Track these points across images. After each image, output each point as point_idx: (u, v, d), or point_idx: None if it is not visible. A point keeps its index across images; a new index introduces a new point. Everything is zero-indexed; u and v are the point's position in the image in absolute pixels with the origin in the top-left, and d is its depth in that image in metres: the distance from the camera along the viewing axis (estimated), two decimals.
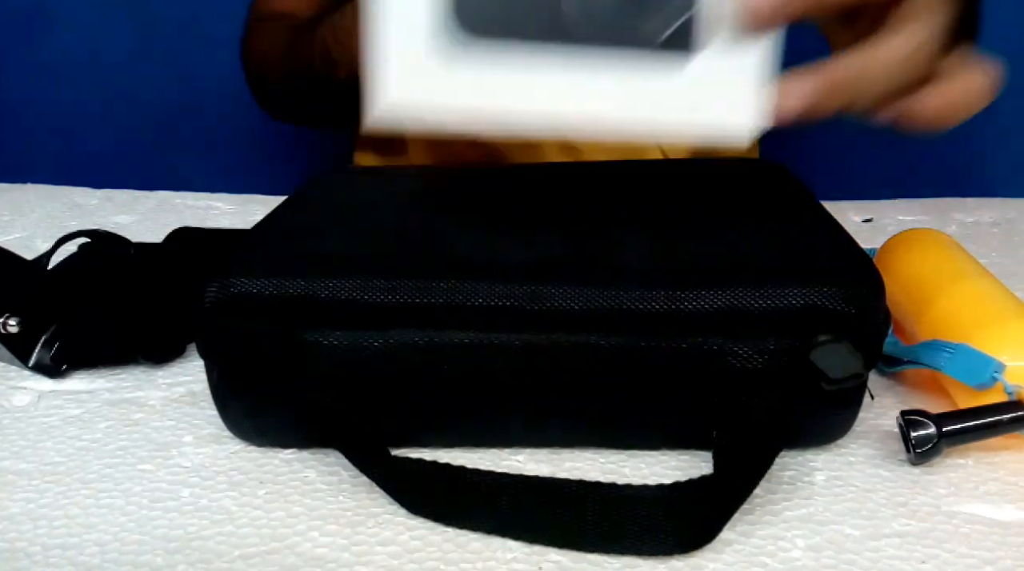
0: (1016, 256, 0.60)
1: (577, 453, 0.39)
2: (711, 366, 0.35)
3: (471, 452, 0.39)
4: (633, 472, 0.38)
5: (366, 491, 0.37)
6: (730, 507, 0.34)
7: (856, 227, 0.66)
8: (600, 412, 0.38)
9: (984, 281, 0.45)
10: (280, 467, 0.38)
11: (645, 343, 0.35)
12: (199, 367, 0.46)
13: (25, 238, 0.63)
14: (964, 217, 0.69)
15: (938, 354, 0.41)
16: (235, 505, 0.36)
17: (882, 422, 0.41)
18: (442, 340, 0.35)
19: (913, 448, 0.37)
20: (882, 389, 0.44)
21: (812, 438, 0.39)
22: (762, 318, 0.35)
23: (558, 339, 0.35)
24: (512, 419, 0.38)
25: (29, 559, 0.33)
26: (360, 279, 0.36)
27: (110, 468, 0.38)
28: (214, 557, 0.33)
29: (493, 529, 0.34)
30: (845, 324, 0.35)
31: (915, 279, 0.46)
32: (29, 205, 0.68)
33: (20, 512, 0.36)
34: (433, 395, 0.37)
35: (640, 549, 0.33)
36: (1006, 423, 0.38)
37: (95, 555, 0.34)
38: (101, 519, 0.35)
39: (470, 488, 0.35)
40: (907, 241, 0.49)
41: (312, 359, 0.36)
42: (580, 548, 0.33)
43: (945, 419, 0.37)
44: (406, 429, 0.38)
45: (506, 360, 0.35)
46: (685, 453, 0.39)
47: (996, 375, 0.39)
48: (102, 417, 0.42)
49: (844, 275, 0.36)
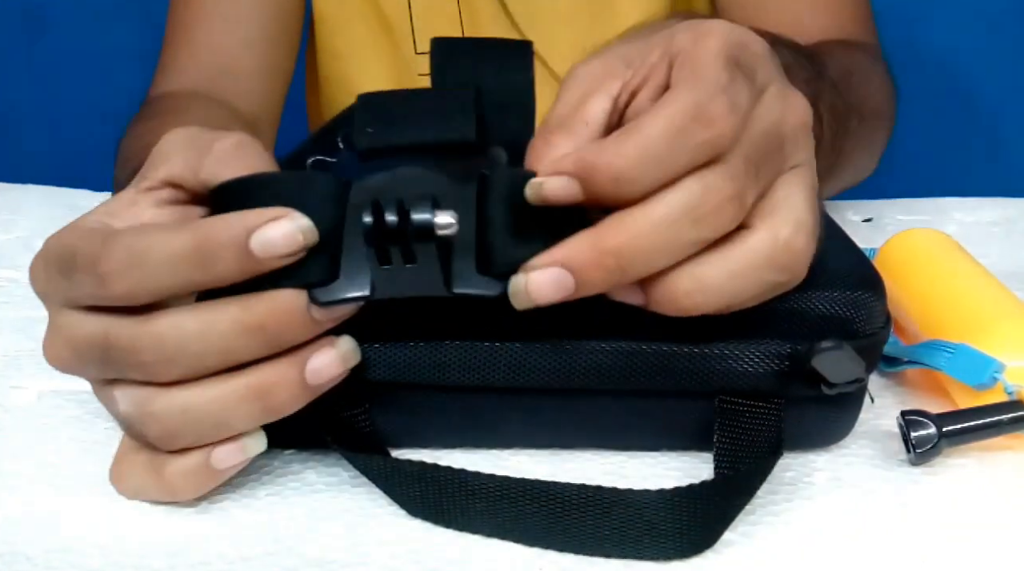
0: (1016, 256, 0.60)
1: (577, 454, 0.39)
2: (712, 368, 0.35)
3: (471, 452, 0.39)
4: (634, 473, 0.38)
5: (366, 491, 0.37)
6: (732, 511, 0.34)
7: (856, 227, 0.66)
8: (601, 413, 0.37)
9: (984, 281, 0.45)
10: (280, 467, 0.38)
11: (646, 346, 0.35)
12: None
13: (25, 238, 0.63)
14: (964, 217, 0.68)
15: (938, 354, 0.40)
16: (235, 506, 0.36)
17: (882, 422, 0.41)
18: (443, 341, 0.35)
19: (913, 448, 0.37)
20: (882, 389, 0.44)
21: (813, 440, 0.39)
22: (763, 321, 0.35)
23: (559, 341, 0.35)
24: (512, 420, 0.38)
25: (29, 562, 0.33)
26: None
27: (110, 469, 0.38)
28: (215, 558, 0.33)
29: (493, 531, 0.34)
30: (846, 327, 0.35)
31: (915, 279, 0.46)
32: (29, 205, 0.68)
33: (20, 513, 0.36)
34: (433, 395, 0.37)
35: (641, 553, 0.33)
36: (1006, 423, 0.38)
37: (95, 557, 0.33)
38: (102, 520, 0.35)
39: (470, 489, 0.34)
40: (907, 241, 0.49)
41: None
42: (581, 551, 0.33)
43: (945, 419, 0.37)
44: (406, 429, 0.38)
45: (507, 362, 0.35)
46: (686, 455, 0.39)
47: (996, 375, 0.39)
48: (102, 417, 0.42)
49: (844, 277, 0.36)
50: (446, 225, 0.31)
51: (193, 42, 0.74)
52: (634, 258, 0.31)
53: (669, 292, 0.32)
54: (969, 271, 0.46)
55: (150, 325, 0.32)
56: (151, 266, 0.31)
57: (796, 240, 0.32)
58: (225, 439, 0.34)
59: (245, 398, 0.33)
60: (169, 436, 0.33)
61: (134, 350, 0.32)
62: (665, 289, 0.32)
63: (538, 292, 0.31)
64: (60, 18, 1.21)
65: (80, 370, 0.34)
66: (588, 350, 0.35)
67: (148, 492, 0.35)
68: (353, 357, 0.34)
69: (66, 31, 1.22)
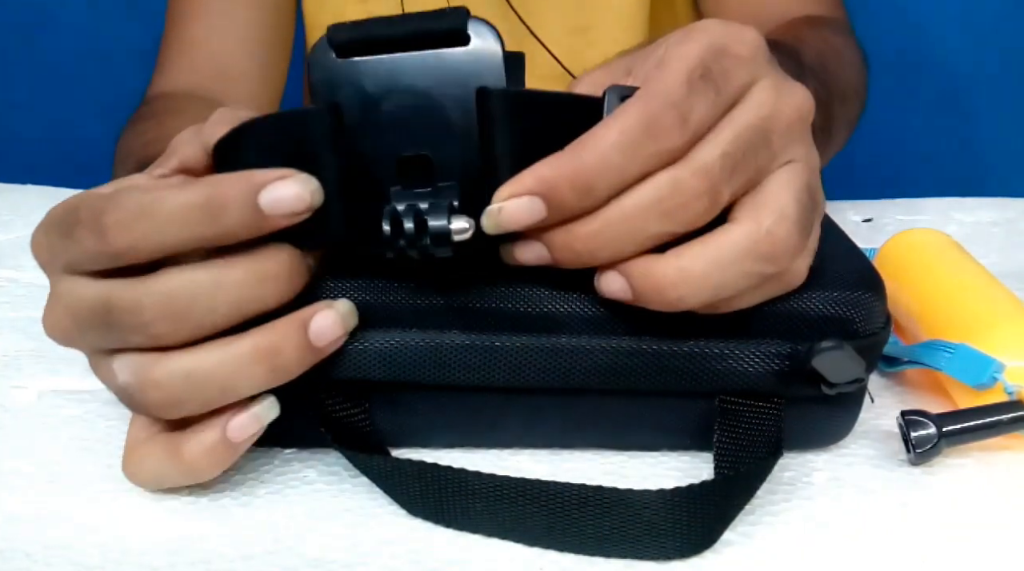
0: (1016, 256, 0.60)
1: (577, 454, 0.39)
2: (712, 368, 0.35)
3: (471, 452, 0.39)
4: (634, 473, 0.38)
5: (366, 491, 0.37)
6: (732, 512, 0.34)
7: (856, 227, 0.66)
8: (601, 413, 0.37)
9: (984, 281, 0.45)
10: (280, 467, 0.38)
11: (646, 346, 0.35)
12: None
13: (25, 238, 0.63)
14: (964, 217, 0.68)
15: (938, 354, 0.40)
16: (235, 505, 0.36)
17: (882, 422, 0.41)
18: (443, 342, 0.35)
19: (913, 448, 0.37)
20: (882, 389, 0.44)
21: (812, 440, 0.39)
22: (763, 321, 0.35)
23: (559, 341, 0.35)
24: (512, 420, 0.38)
25: (29, 559, 0.33)
26: (361, 280, 0.36)
27: (111, 468, 0.38)
28: (215, 557, 0.33)
29: (493, 531, 0.34)
30: (846, 327, 0.35)
31: (915, 279, 0.46)
32: (29, 205, 0.68)
33: (20, 512, 0.36)
34: (433, 395, 0.37)
35: (641, 553, 0.33)
36: (1006, 423, 0.38)
37: (95, 556, 0.34)
38: (102, 519, 0.35)
39: (470, 489, 0.34)
40: (907, 241, 0.49)
41: None
42: (581, 551, 0.33)
43: (945, 419, 0.37)
44: (406, 429, 0.38)
45: (507, 362, 0.35)
46: (686, 455, 0.39)
47: (996, 375, 0.39)
48: (102, 417, 0.42)
49: (844, 277, 0.36)
50: (462, 230, 0.32)
51: (190, 43, 0.75)
52: (604, 246, 0.32)
53: (654, 283, 0.32)
54: (969, 271, 0.46)
55: (155, 283, 0.32)
56: (160, 217, 0.31)
57: (778, 229, 0.32)
58: (237, 410, 0.34)
59: (252, 359, 0.33)
60: (172, 403, 0.33)
61: (137, 310, 0.32)
62: (649, 280, 0.32)
63: (509, 218, 0.32)
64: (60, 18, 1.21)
65: (79, 340, 0.34)
66: (588, 350, 0.35)
67: (168, 477, 0.35)
68: (352, 318, 0.35)
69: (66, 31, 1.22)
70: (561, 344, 0.35)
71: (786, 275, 0.34)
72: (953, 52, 1.12)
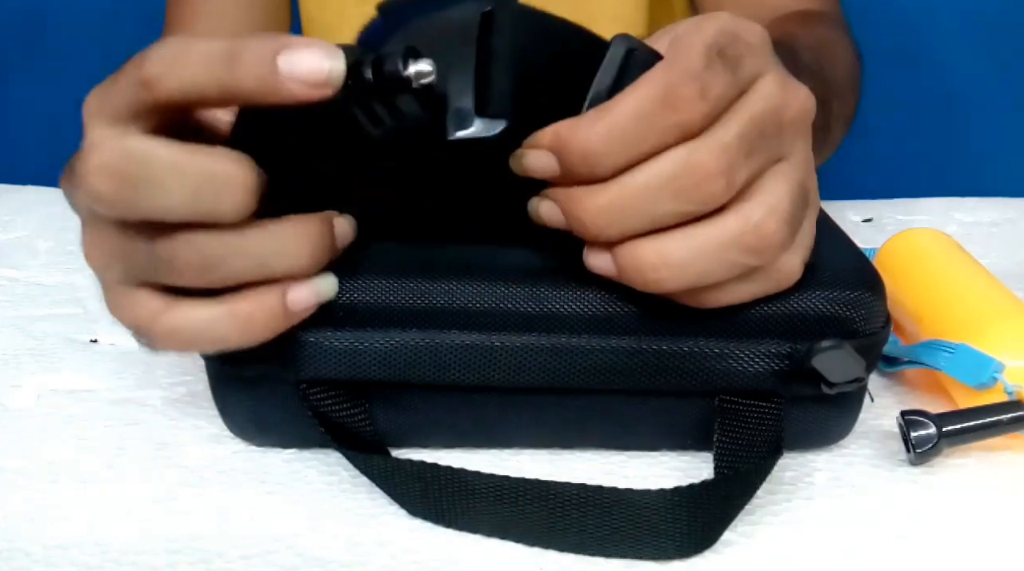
0: (1016, 256, 0.60)
1: (577, 454, 0.39)
2: (712, 368, 0.35)
3: (471, 452, 0.39)
4: (634, 473, 0.38)
5: (366, 491, 0.37)
6: (732, 511, 0.34)
7: (856, 227, 0.66)
8: (601, 413, 0.37)
9: (984, 281, 0.45)
10: (280, 467, 0.38)
11: (646, 346, 0.35)
12: (200, 367, 0.46)
13: (25, 238, 0.63)
14: (964, 217, 0.69)
15: (938, 354, 0.41)
16: (235, 505, 0.36)
17: (882, 422, 0.41)
18: (443, 342, 0.35)
19: (913, 448, 0.37)
20: (882, 389, 0.44)
21: (812, 439, 0.39)
22: (762, 320, 0.35)
23: (559, 341, 0.35)
24: (512, 420, 0.38)
25: (29, 558, 0.33)
26: (361, 280, 0.36)
27: (110, 468, 0.38)
28: (214, 557, 0.33)
29: (493, 531, 0.34)
30: (845, 327, 0.35)
31: (915, 279, 0.46)
32: (29, 205, 0.69)
33: (20, 511, 0.36)
34: (433, 395, 0.37)
35: (641, 553, 0.33)
36: (1006, 423, 0.38)
37: (95, 555, 0.34)
38: (102, 519, 0.35)
39: (470, 489, 0.34)
40: (907, 241, 0.49)
41: (313, 359, 0.36)
42: (581, 551, 0.33)
43: (945, 419, 0.37)
44: (406, 429, 0.38)
45: (507, 362, 0.35)
46: (686, 454, 0.39)
47: (996, 375, 0.39)
48: (102, 417, 0.42)
49: (844, 277, 0.36)
50: (422, 74, 0.30)
51: None
52: (613, 221, 0.32)
53: (634, 262, 0.32)
54: (969, 271, 0.46)
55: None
56: (191, 59, 0.31)
57: (767, 223, 0.32)
58: (298, 282, 0.33)
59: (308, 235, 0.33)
60: (207, 267, 0.32)
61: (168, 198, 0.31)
62: (631, 259, 0.32)
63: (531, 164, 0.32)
64: (60, 18, 1.21)
65: (117, 206, 0.33)
66: (588, 350, 0.35)
67: (214, 330, 0.33)
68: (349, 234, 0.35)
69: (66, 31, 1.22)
70: (561, 344, 0.35)
71: (775, 271, 0.34)
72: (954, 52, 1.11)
